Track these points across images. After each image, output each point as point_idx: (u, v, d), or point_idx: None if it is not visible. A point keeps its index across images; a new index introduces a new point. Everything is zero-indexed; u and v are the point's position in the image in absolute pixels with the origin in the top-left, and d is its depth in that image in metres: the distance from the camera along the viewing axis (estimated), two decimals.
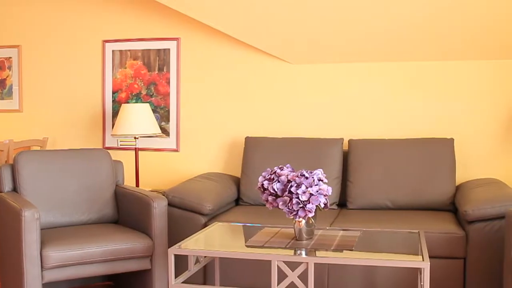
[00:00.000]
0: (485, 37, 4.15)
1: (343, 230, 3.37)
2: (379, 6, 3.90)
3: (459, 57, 4.41)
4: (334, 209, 4.23)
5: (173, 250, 3.01)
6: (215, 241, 3.26)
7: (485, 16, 3.93)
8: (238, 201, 4.48)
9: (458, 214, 3.93)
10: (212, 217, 4.00)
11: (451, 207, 4.09)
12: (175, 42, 4.90)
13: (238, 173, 4.68)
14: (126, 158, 4.95)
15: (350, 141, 4.37)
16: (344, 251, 2.92)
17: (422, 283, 2.76)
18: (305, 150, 4.34)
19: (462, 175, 4.36)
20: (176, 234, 3.92)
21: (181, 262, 3.82)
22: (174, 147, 4.93)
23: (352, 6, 3.93)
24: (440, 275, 3.58)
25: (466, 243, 3.57)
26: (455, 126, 4.45)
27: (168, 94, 4.92)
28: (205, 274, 3.92)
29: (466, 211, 3.56)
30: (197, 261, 3.24)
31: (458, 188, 4.18)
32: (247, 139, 4.54)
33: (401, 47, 4.35)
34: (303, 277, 2.86)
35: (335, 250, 2.93)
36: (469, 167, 4.41)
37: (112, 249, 3.48)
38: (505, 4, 3.81)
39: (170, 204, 3.95)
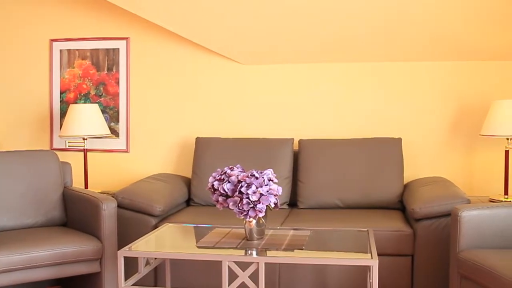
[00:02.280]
0: (433, 39, 4.24)
1: (294, 229, 3.39)
2: (328, 8, 3.94)
3: (407, 58, 4.49)
4: (284, 208, 4.25)
5: (123, 252, 2.97)
6: (166, 242, 3.24)
7: (434, 18, 4.02)
8: (189, 202, 4.45)
9: (406, 212, 4.00)
10: (163, 218, 3.97)
11: (399, 206, 4.16)
12: (124, 41, 4.84)
13: (189, 174, 4.66)
14: (75, 160, 4.86)
15: (300, 141, 4.40)
16: (294, 250, 2.94)
17: (371, 281, 2.80)
18: (255, 150, 4.35)
19: (409, 174, 4.44)
20: (126, 236, 3.87)
21: (131, 264, 3.77)
22: (124, 148, 4.87)
23: (301, 8, 3.96)
24: (389, 272, 3.64)
25: (413, 241, 3.64)
26: (403, 126, 4.53)
27: (117, 95, 4.86)
28: (156, 276, 3.89)
29: (414, 209, 3.63)
30: (147, 263, 3.21)
31: (406, 186, 4.25)
32: (198, 139, 4.53)
33: (350, 48, 4.41)
34: (254, 277, 2.86)
35: (285, 250, 2.94)
36: (416, 166, 4.50)
37: (60, 253, 3.41)
38: (453, 7, 3.90)
39: (119, 206, 3.90)
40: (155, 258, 3.28)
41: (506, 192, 4.13)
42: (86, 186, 4.56)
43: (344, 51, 4.44)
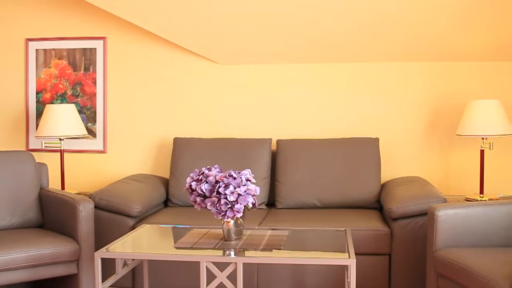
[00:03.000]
0: (410, 40, 4.27)
1: (272, 229, 3.40)
2: (306, 8, 3.95)
3: (384, 59, 4.52)
4: (263, 209, 4.25)
5: (100, 254, 2.95)
6: (143, 243, 3.22)
7: (411, 20, 4.05)
8: (167, 203, 4.44)
9: (383, 211, 4.03)
10: (141, 219, 3.95)
11: (377, 205, 4.19)
12: (101, 41, 4.81)
13: (166, 175, 4.64)
14: (51, 160, 4.81)
15: (278, 141, 4.41)
16: (272, 250, 2.95)
17: (348, 280, 2.81)
18: (233, 151, 4.35)
19: (387, 174, 4.47)
20: (103, 238, 3.84)
21: (108, 266, 3.75)
22: (101, 148, 4.83)
23: (279, 8, 3.96)
24: (366, 271, 3.67)
25: (391, 240, 3.67)
26: (380, 126, 4.56)
27: (94, 95, 4.82)
28: (133, 277, 3.87)
29: (391, 208, 3.66)
30: (125, 264, 3.20)
31: (383, 186, 4.28)
32: (176, 139, 4.51)
33: (328, 49, 4.43)
34: (232, 277, 2.86)
35: (263, 250, 2.95)
36: (393, 166, 4.53)
37: (37, 254, 3.37)
38: (431, 9, 3.93)
39: (97, 207, 3.87)
40: (133, 259, 3.27)
41: (481, 191, 4.18)
42: (62, 187, 4.52)
43: (322, 51, 4.46)
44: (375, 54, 4.46)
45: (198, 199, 2.97)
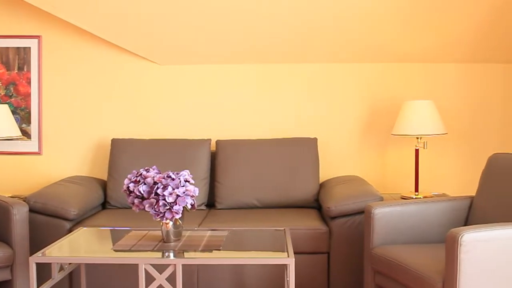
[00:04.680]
0: (347, 41, 4.34)
1: (211, 230, 3.39)
2: (245, 9, 3.97)
3: (322, 60, 4.57)
4: (202, 209, 4.24)
5: (35, 258, 2.87)
6: (80, 246, 3.16)
7: (348, 21, 4.11)
8: (105, 205, 4.37)
9: (322, 210, 4.07)
10: (78, 222, 3.87)
11: (315, 204, 4.24)
12: (36, 40, 4.68)
13: (104, 176, 4.57)
14: None
15: (217, 142, 4.40)
16: (212, 251, 2.94)
17: (288, 279, 2.83)
18: (173, 151, 4.32)
19: (325, 173, 4.53)
20: (39, 242, 3.74)
21: (44, 271, 3.66)
22: (36, 150, 4.71)
23: (217, 9, 3.96)
24: (305, 270, 3.70)
25: (329, 238, 3.72)
26: (318, 126, 4.62)
27: (29, 95, 4.70)
28: (70, 282, 3.78)
29: (329, 207, 3.71)
30: (61, 268, 3.13)
31: (321, 185, 4.34)
32: (114, 140, 4.44)
33: (267, 49, 4.45)
34: (172, 279, 2.84)
35: (203, 251, 2.94)
36: (331, 165, 4.60)
37: None
38: (367, 12, 4.00)
39: (31, 210, 3.77)
40: (69, 264, 3.20)
41: (416, 189, 4.29)
42: None
43: (261, 52, 4.48)
44: (314, 55, 4.51)
45: (136, 200, 2.94)
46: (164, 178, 2.91)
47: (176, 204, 2.87)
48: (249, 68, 4.64)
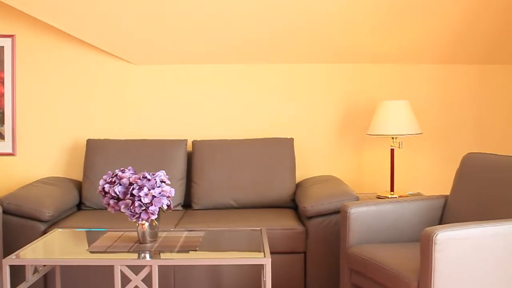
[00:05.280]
0: (323, 42, 4.36)
1: (188, 231, 3.38)
2: (219, 10, 3.96)
3: (298, 60, 4.59)
4: (179, 210, 4.22)
5: (9, 261, 2.84)
6: (55, 248, 3.13)
7: (324, 22, 4.13)
8: (80, 206, 4.33)
9: (298, 210, 4.09)
10: (52, 224, 3.83)
11: (292, 204, 4.25)
12: (9, 39, 4.62)
13: (80, 177, 4.53)
14: None
15: (194, 142, 4.39)
16: (189, 252, 2.93)
17: (264, 279, 2.84)
18: (149, 152, 4.30)
19: (301, 173, 4.54)
20: (13, 244, 3.69)
21: (19, 273, 3.62)
22: (10, 151, 4.65)
23: (192, 8, 3.95)
24: (282, 270, 3.71)
25: (305, 238, 3.73)
26: (295, 126, 4.63)
27: (2, 95, 4.64)
28: (45, 284, 3.74)
29: (305, 207, 3.72)
30: (35, 270, 3.09)
31: (298, 185, 4.35)
32: (89, 141, 4.41)
33: (243, 50, 4.45)
34: (148, 280, 2.83)
35: (179, 251, 2.93)
36: (308, 165, 4.61)
37: None
38: (342, 12, 4.02)
39: (5, 212, 3.72)
40: (44, 265, 3.17)
41: (392, 189, 4.32)
42: None
43: (238, 52, 4.48)
44: (290, 55, 4.52)
45: (111, 201, 2.92)
46: (139, 178, 2.90)
47: (152, 205, 2.85)
48: (225, 68, 4.64)
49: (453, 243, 2.60)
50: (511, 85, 4.68)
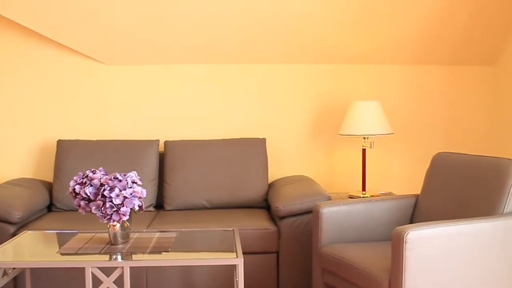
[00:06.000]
0: (295, 42, 4.37)
1: (160, 231, 3.36)
2: (192, 10, 3.95)
3: (270, 60, 4.59)
4: (151, 211, 4.20)
5: None
6: (25, 250, 3.09)
7: (297, 22, 4.15)
8: (51, 208, 4.28)
9: (271, 210, 4.09)
10: (22, 226, 3.78)
11: (265, 204, 4.25)
12: None
13: (50, 178, 4.48)
14: None
15: (166, 143, 4.37)
16: (161, 253, 2.92)
17: (237, 279, 2.84)
18: (120, 153, 4.27)
19: (274, 173, 4.56)
20: None
21: None
22: None
23: (164, 8, 3.94)
24: (255, 270, 3.71)
25: (278, 238, 3.74)
26: (267, 126, 4.64)
27: None
28: (15, 287, 3.69)
29: (278, 207, 3.73)
30: (4, 273, 3.05)
31: (270, 185, 4.36)
32: (59, 142, 4.36)
33: (215, 50, 4.44)
34: (119, 282, 2.81)
35: (151, 252, 2.91)
36: (280, 165, 4.63)
37: None
38: (315, 12, 4.04)
39: None
40: (14, 268, 3.12)
41: (363, 189, 4.35)
42: None
43: (209, 52, 4.47)
44: (262, 56, 4.53)
45: (82, 203, 2.89)
46: (111, 179, 2.88)
47: (123, 206, 2.83)
48: (197, 69, 4.62)
49: (423, 242, 2.63)
50: (479, 85, 4.75)
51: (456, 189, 3.18)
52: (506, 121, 4.56)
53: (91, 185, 2.88)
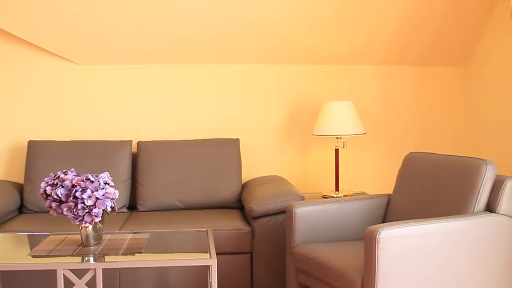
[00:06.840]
0: (269, 43, 4.38)
1: (133, 233, 3.34)
2: (167, 9, 3.94)
3: (244, 60, 4.60)
4: (124, 212, 4.17)
5: None
6: None
7: (271, 23, 4.15)
8: (21, 209, 4.22)
9: (244, 211, 4.09)
10: None
11: (238, 205, 4.25)
12: None
13: (21, 180, 4.42)
14: None
15: (139, 143, 4.35)
16: (134, 254, 2.90)
17: (210, 280, 2.83)
18: (93, 154, 4.23)
19: (247, 173, 4.56)
20: None
21: None
22: None
23: (136, 8, 3.91)
24: (229, 270, 3.71)
25: (252, 238, 3.74)
26: (240, 126, 4.64)
27: None
28: None
29: (251, 207, 3.73)
30: None
31: (244, 186, 4.36)
32: (30, 143, 4.31)
33: (188, 50, 4.43)
34: (92, 284, 2.78)
35: (124, 254, 2.89)
36: (254, 166, 4.63)
37: None
38: (289, 13, 4.05)
39: None
40: None
41: (337, 188, 4.37)
42: None
43: (181, 52, 4.45)
44: (235, 56, 4.53)
45: (53, 204, 2.86)
46: (82, 180, 2.85)
47: (95, 207, 2.81)
48: (170, 69, 4.61)
49: (395, 241, 2.66)
50: (450, 86, 4.81)
51: (428, 189, 3.22)
52: (478, 121, 4.62)
53: (63, 187, 2.85)
